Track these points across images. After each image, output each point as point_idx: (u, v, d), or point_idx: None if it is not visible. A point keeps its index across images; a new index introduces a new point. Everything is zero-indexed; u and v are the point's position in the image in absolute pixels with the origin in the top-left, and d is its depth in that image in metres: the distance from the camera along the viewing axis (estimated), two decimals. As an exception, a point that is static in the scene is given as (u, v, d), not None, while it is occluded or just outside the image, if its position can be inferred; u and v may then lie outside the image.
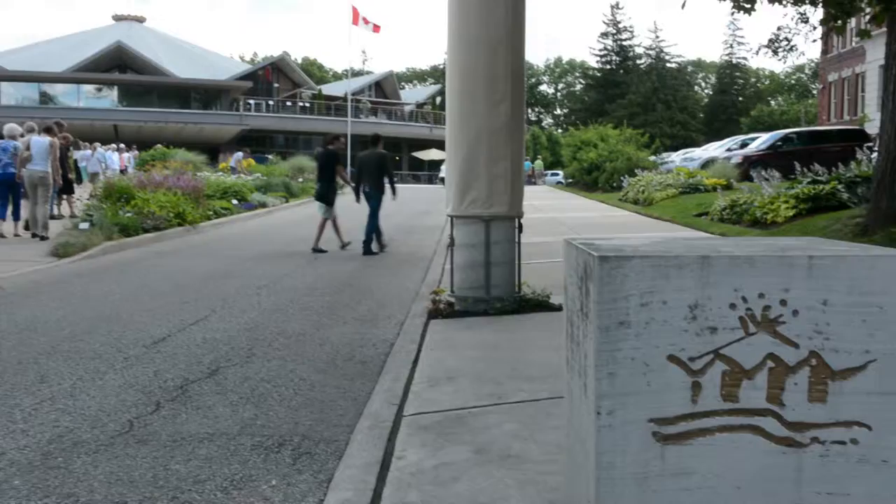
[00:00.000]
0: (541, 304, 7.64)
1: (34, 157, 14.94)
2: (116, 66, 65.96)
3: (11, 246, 13.84)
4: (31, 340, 6.81)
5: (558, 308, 7.34)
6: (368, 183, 13.91)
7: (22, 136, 15.88)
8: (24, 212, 15.41)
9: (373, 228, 13.72)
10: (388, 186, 13.95)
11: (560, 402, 4.37)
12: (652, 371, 2.22)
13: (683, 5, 12.55)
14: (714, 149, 32.74)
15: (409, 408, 4.75)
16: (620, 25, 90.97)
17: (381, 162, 14.25)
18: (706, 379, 2.26)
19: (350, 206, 14.59)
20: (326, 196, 14.32)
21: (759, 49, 15.10)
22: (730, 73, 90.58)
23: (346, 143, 15.95)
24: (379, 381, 5.50)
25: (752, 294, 2.24)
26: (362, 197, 13.80)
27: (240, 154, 33.26)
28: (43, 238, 14.44)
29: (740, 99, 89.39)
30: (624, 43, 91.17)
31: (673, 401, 2.25)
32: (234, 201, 22.68)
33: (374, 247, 13.67)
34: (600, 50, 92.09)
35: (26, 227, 15.24)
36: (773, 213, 14.00)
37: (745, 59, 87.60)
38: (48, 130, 15.67)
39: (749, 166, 23.58)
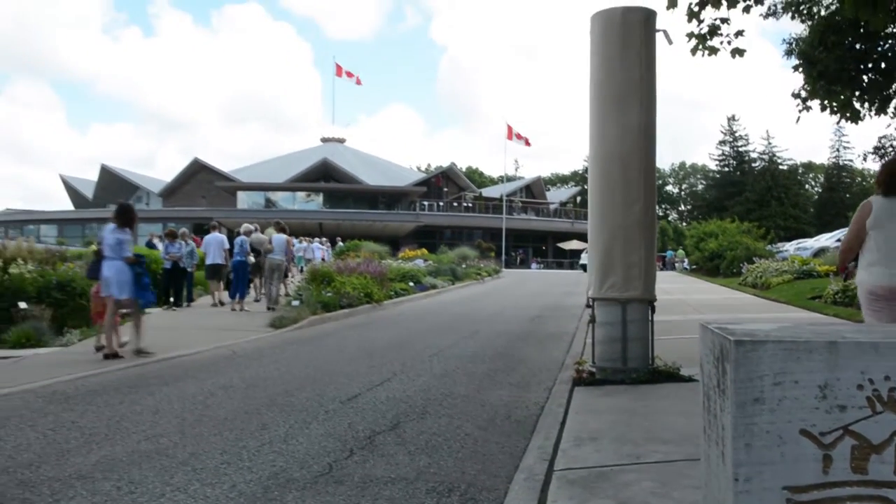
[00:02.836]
0: (672, 376, 7.30)
1: (275, 249, 16.04)
2: (322, 176, 69.82)
3: (239, 318, 14.67)
4: (255, 394, 7.11)
5: (688, 379, 7.01)
6: None
7: (250, 233, 17.08)
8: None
9: None
10: None
11: (692, 463, 4.13)
12: (785, 444, 2.06)
13: (798, 120, 12.14)
14: (825, 239, 30.86)
15: (558, 463, 4.60)
16: (737, 134, 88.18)
17: None
18: (836, 452, 2.08)
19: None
20: None
21: (866, 156, 14.34)
22: (837, 174, 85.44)
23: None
24: (532, 439, 5.38)
25: (878, 376, 2.06)
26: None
27: (420, 262, 33.77)
28: (271, 309, 15.31)
29: (847, 196, 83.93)
30: (740, 149, 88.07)
31: (805, 471, 2.08)
32: (411, 283, 23.15)
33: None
34: (719, 155, 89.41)
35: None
36: (885, 297, 12.91)
37: (850, 161, 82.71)
38: (281, 229, 16.77)
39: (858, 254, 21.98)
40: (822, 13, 12.30)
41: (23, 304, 11.35)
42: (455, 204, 72.17)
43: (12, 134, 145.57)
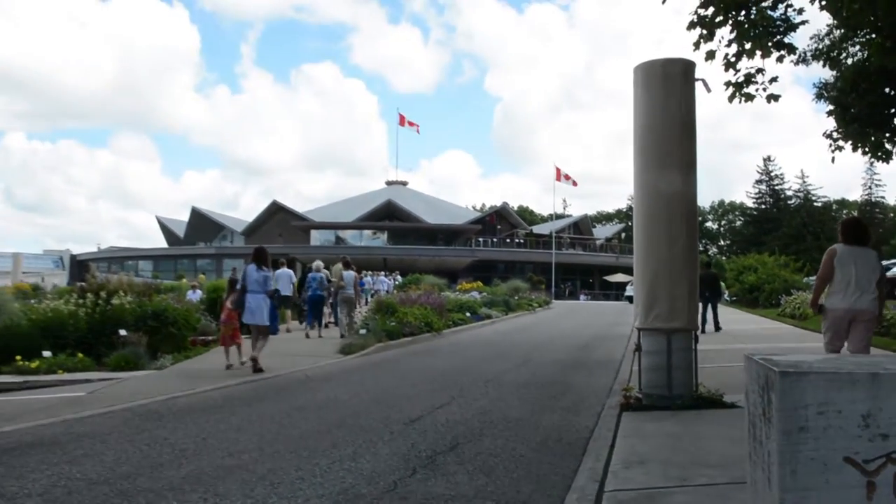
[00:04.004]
0: (715, 402, 7.07)
1: (346, 284, 16.25)
2: (387, 216, 70.64)
3: (311, 344, 14.84)
4: (327, 415, 7.15)
5: (730, 405, 6.79)
6: (709, 290, 16.89)
7: (318, 269, 17.34)
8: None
9: (716, 316, 17.65)
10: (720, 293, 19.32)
11: (736, 486, 3.98)
12: (829, 470, 1.98)
13: (833, 160, 11.86)
14: (862, 272, 29.62)
15: (608, 484, 4.49)
16: (772, 174, 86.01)
17: (715, 278, 18.43)
18: (880, 479, 1.99)
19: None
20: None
21: None
22: (870, 210, 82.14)
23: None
24: (583, 461, 5.27)
25: (920, 406, 1.97)
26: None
27: (476, 293, 33.36)
28: (343, 336, 15.37)
29: (881, 230, 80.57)
30: (776, 187, 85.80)
31: (849, 497, 1.99)
32: (468, 314, 23.04)
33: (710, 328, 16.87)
34: (756, 193, 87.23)
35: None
36: (922, 327, 12.36)
37: (882, 197, 79.69)
38: (347, 265, 16.92)
39: (892, 287, 21.09)
40: (850, 61, 12.04)
41: (122, 332, 11.74)
42: (508, 240, 72.01)
43: (117, 181, 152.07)
